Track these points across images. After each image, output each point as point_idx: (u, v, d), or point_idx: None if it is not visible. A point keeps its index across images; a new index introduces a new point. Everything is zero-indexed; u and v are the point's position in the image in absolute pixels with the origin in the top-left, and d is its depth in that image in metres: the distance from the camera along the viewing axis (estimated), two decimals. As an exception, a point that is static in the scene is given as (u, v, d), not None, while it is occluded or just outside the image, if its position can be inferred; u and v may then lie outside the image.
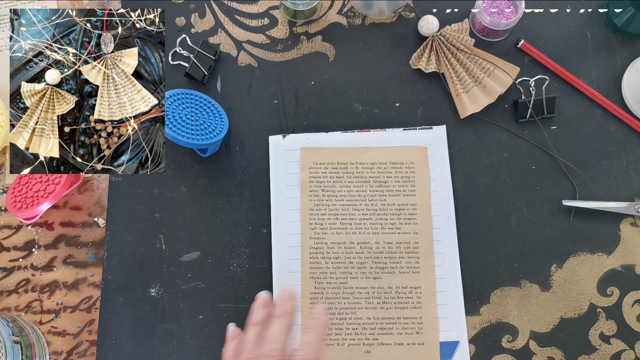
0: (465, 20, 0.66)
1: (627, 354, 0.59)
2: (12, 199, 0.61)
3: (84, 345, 0.61)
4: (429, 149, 0.63)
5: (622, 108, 0.64)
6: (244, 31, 0.68)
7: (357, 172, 0.63)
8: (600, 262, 0.61)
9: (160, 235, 0.62)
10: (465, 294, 0.60)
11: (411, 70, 0.66)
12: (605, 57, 0.66)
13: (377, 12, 0.67)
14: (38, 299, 0.62)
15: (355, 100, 0.66)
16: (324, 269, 0.60)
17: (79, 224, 0.64)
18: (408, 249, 0.60)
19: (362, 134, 0.64)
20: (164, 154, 0.61)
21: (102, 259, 0.62)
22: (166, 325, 0.60)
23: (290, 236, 0.61)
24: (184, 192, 0.63)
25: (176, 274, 0.61)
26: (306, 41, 0.68)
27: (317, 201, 0.62)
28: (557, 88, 0.65)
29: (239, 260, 0.61)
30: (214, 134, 0.60)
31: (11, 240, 0.64)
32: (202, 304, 0.60)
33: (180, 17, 0.68)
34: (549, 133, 0.64)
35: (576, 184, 0.63)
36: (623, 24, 0.65)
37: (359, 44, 0.67)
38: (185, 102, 0.61)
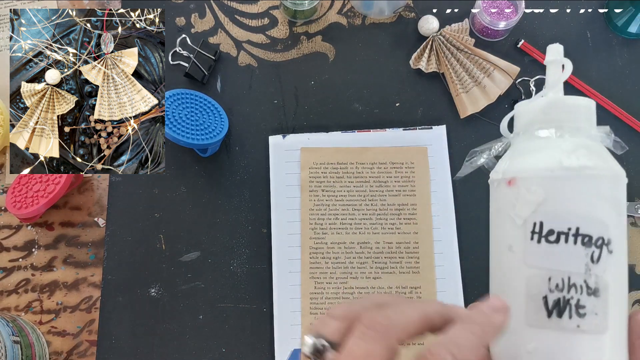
0: (465, 20, 0.66)
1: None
2: (12, 199, 0.61)
3: (84, 345, 0.60)
4: (429, 149, 0.63)
5: (622, 108, 0.64)
6: (244, 31, 0.68)
7: (357, 172, 0.63)
8: (600, 262, 0.61)
9: (160, 235, 0.62)
10: (465, 294, 0.60)
11: (411, 70, 0.66)
12: (605, 57, 0.66)
13: (377, 12, 0.67)
14: (38, 299, 0.62)
15: (355, 100, 0.66)
16: (324, 269, 0.60)
17: (79, 224, 0.64)
18: (408, 249, 0.60)
19: (362, 134, 0.64)
20: (164, 154, 0.61)
21: (102, 259, 0.62)
22: (166, 325, 0.60)
23: (290, 236, 0.61)
24: (184, 192, 0.63)
25: (176, 274, 0.61)
26: (306, 41, 0.68)
27: (317, 201, 0.62)
28: (557, 88, 0.65)
29: (239, 260, 0.61)
30: (214, 134, 0.60)
31: (11, 240, 0.64)
32: (202, 304, 0.60)
33: (180, 17, 0.68)
34: (549, 133, 0.64)
35: (576, 184, 0.63)
36: (623, 24, 0.65)
37: (359, 44, 0.67)
38: (185, 102, 0.61)
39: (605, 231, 0.28)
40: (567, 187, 0.28)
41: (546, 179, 0.28)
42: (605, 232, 0.28)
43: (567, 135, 0.30)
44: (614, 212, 0.28)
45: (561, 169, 0.28)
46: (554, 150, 0.29)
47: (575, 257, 0.28)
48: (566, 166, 0.28)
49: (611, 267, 0.28)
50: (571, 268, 0.28)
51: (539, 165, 0.29)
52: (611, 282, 0.28)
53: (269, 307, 0.60)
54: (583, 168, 0.28)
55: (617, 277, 0.28)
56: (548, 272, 0.28)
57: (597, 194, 0.28)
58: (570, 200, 0.28)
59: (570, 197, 0.28)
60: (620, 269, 0.29)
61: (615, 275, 0.28)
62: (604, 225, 0.28)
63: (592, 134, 0.30)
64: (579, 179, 0.28)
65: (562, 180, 0.28)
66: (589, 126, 0.31)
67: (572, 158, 0.29)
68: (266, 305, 0.60)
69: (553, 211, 0.28)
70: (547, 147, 0.30)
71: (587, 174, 0.28)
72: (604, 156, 0.30)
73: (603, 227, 0.28)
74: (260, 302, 0.60)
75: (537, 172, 0.29)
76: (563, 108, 0.31)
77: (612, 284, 0.28)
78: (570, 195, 0.28)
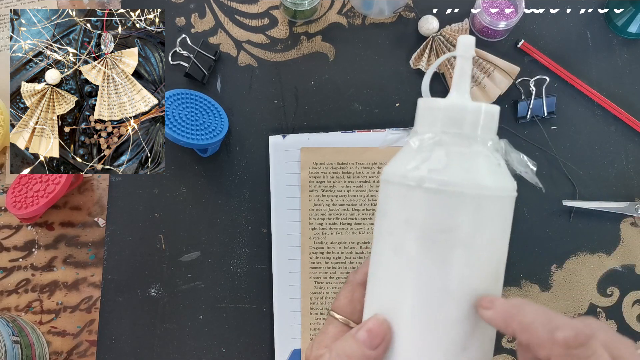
0: (465, 20, 0.66)
1: (627, 354, 0.59)
2: (12, 199, 0.61)
3: (84, 345, 0.61)
4: (429, 149, 0.63)
5: (623, 108, 0.64)
6: (244, 31, 0.68)
7: (357, 172, 0.63)
8: (600, 262, 0.61)
9: (160, 235, 0.62)
10: (465, 294, 0.60)
11: (411, 70, 0.66)
12: (605, 57, 0.66)
13: (377, 12, 0.67)
14: (38, 299, 0.62)
15: (355, 100, 0.66)
16: (324, 269, 0.60)
17: (79, 224, 0.64)
18: (408, 249, 0.60)
19: (362, 134, 0.64)
20: (164, 154, 0.61)
21: (102, 259, 0.62)
22: (166, 325, 0.60)
23: (290, 236, 0.61)
24: (184, 192, 0.63)
25: (176, 274, 0.61)
26: (306, 41, 0.68)
27: (317, 201, 0.62)
28: (557, 88, 0.65)
29: (239, 260, 0.61)
30: (214, 134, 0.60)
31: (11, 240, 0.64)
32: (202, 304, 0.60)
33: (180, 17, 0.68)
34: (549, 133, 0.64)
35: (576, 184, 0.63)
36: (623, 24, 0.65)
37: (359, 44, 0.67)
38: (185, 102, 0.61)
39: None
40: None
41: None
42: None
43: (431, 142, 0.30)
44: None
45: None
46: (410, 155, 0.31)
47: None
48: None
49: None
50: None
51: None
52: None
53: (269, 307, 0.60)
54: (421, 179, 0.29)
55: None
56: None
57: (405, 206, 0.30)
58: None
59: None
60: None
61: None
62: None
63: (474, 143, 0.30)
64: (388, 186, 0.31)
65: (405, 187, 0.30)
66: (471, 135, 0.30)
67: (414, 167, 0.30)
68: (266, 305, 0.60)
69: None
70: (410, 152, 0.31)
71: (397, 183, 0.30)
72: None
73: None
74: (260, 302, 0.60)
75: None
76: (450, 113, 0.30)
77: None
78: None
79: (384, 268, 0.30)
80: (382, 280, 0.30)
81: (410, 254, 0.28)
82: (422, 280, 0.28)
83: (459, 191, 0.28)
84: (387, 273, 0.30)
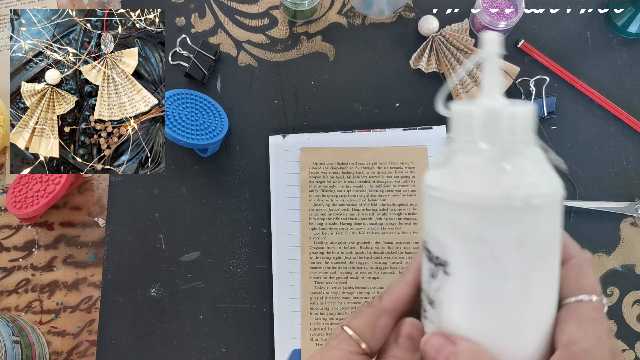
0: (465, 20, 0.66)
1: (627, 354, 0.59)
2: (12, 199, 0.61)
3: (84, 345, 0.61)
4: (429, 149, 0.63)
5: (623, 108, 0.64)
6: (244, 31, 0.68)
7: (357, 172, 0.63)
8: (600, 262, 0.61)
9: (160, 235, 0.62)
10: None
11: (411, 70, 0.66)
12: (605, 57, 0.66)
13: (377, 12, 0.67)
14: (38, 299, 0.62)
15: (355, 100, 0.66)
16: (324, 269, 0.60)
17: (79, 224, 0.64)
18: (408, 249, 0.60)
19: (362, 134, 0.64)
20: (164, 154, 0.61)
21: (102, 259, 0.62)
22: (166, 325, 0.60)
23: (290, 236, 0.61)
24: (184, 192, 0.63)
25: (176, 274, 0.61)
26: (306, 41, 0.68)
27: (317, 201, 0.62)
28: (557, 88, 0.65)
29: (239, 260, 0.61)
30: (214, 134, 0.60)
31: (11, 240, 0.64)
32: (202, 304, 0.60)
33: (180, 17, 0.68)
34: (549, 133, 0.64)
35: (576, 184, 0.63)
36: (623, 24, 0.65)
37: (359, 44, 0.67)
38: (185, 102, 0.61)
39: (442, 253, 0.28)
40: (425, 202, 0.29)
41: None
42: (442, 253, 0.28)
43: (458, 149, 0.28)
44: (455, 236, 0.27)
45: (423, 185, 0.29)
46: (437, 164, 0.29)
47: (425, 266, 0.30)
48: (425, 182, 0.29)
49: (446, 288, 0.28)
50: (424, 275, 0.30)
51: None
52: (444, 301, 0.28)
53: (269, 307, 0.60)
54: (428, 187, 0.29)
55: (452, 299, 0.28)
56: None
57: (436, 216, 0.28)
58: (425, 215, 0.30)
59: (425, 213, 0.29)
60: (456, 292, 0.28)
61: (449, 296, 0.28)
62: (441, 246, 0.28)
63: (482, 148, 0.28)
64: (426, 197, 0.29)
65: (424, 195, 0.29)
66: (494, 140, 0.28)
67: (428, 174, 0.29)
68: (266, 305, 0.60)
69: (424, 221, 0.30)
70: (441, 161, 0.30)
71: (430, 194, 0.28)
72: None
73: (440, 248, 0.28)
74: (260, 302, 0.60)
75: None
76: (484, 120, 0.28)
77: (446, 303, 0.28)
78: (425, 211, 0.29)
79: (493, 295, 0.28)
80: (489, 308, 0.28)
81: (524, 274, 0.27)
82: (542, 299, 0.28)
83: (555, 201, 0.28)
84: (498, 299, 0.28)
